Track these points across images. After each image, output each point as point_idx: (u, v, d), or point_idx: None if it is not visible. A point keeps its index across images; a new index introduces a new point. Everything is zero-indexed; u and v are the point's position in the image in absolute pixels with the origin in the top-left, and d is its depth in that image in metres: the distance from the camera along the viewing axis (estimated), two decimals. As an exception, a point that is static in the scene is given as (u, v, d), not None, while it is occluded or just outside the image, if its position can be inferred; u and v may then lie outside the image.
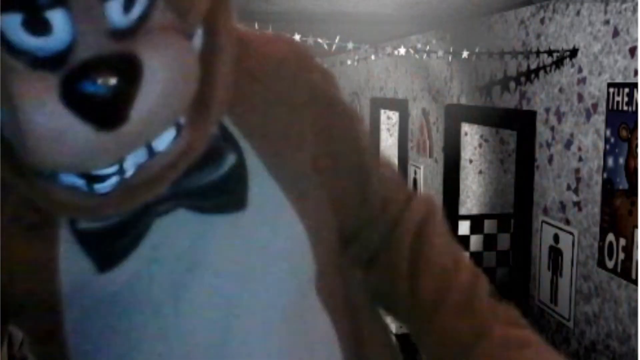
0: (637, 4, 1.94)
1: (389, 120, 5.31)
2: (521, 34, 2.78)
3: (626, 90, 2.00)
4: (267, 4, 3.11)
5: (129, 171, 0.47)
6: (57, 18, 0.41)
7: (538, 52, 2.51)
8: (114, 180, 0.47)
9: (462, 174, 3.52)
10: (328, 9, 3.27)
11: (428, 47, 3.52)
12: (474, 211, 3.53)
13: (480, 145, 3.66)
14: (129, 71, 0.41)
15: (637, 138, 1.92)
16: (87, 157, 0.44)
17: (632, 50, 1.97)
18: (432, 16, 3.45)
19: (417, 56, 3.69)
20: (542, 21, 2.59)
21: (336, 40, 3.25)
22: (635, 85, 1.95)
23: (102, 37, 0.42)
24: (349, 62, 4.94)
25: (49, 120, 0.42)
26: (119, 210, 0.50)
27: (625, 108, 2.00)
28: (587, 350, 2.22)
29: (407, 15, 3.45)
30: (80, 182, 0.47)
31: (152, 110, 0.42)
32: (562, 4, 2.41)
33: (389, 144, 5.09)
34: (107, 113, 0.41)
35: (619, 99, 2.03)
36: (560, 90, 2.43)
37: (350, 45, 3.39)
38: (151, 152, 0.47)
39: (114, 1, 0.41)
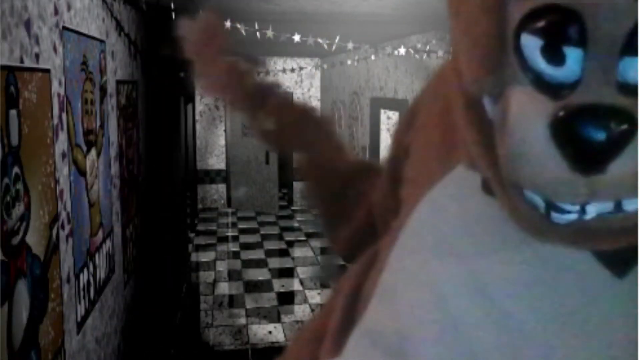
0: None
1: (389, 120, 5.31)
2: (521, 34, 2.77)
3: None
4: (267, 4, 3.11)
5: (590, 214, 0.47)
6: (572, 55, 0.43)
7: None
8: (572, 216, 0.47)
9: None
10: (328, 9, 3.27)
11: (428, 47, 3.53)
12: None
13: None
14: (623, 126, 0.42)
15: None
16: (554, 189, 0.45)
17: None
18: (432, 16, 3.45)
19: (417, 56, 3.70)
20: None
21: (336, 40, 3.26)
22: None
23: (607, 87, 0.43)
24: (349, 62, 4.95)
25: (531, 142, 0.44)
26: (564, 244, 0.51)
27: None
28: None
29: (407, 15, 3.45)
30: (540, 204, 0.48)
31: (630, 171, 0.43)
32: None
33: (389, 143, 5.10)
34: (589, 159, 0.43)
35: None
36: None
37: (350, 45, 3.39)
38: (618, 207, 0.47)
39: (633, 60, 0.42)
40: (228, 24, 2.89)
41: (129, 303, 2.95)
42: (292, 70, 5.28)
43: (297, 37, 3.17)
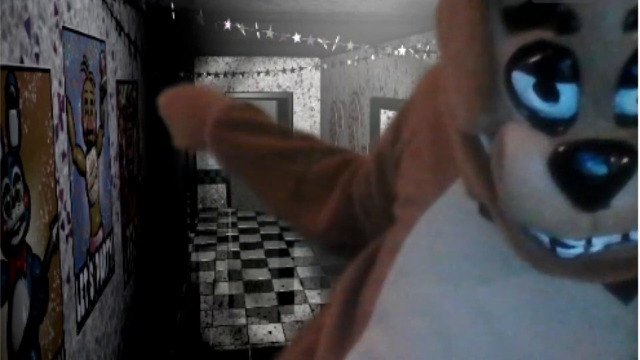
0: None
1: (389, 120, 5.31)
2: (521, 34, 2.77)
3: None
4: (267, 4, 3.11)
5: (596, 247, 0.46)
6: (566, 91, 0.42)
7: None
8: (578, 250, 0.46)
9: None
10: (328, 9, 3.27)
11: (428, 47, 3.52)
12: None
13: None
14: (623, 159, 0.41)
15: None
16: (556, 226, 0.44)
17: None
18: (432, 16, 3.44)
19: (417, 56, 3.69)
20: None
21: (336, 40, 3.25)
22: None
23: (605, 120, 0.42)
24: (349, 62, 4.94)
25: (530, 181, 0.43)
26: (571, 278, 0.49)
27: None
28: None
29: (407, 15, 3.45)
30: (545, 239, 0.47)
31: (635, 204, 0.42)
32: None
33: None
34: (591, 195, 0.42)
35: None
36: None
37: (350, 45, 3.39)
38: (626, 237, 0.45)
39: (630, 92, 0.41)
40: (228, 24, 2.89)
41: (129, 303, 2.95)
42: (292, 70, 5.27)
43: (297, 37, 3.17)
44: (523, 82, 0.44)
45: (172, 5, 2.79)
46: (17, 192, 1.41)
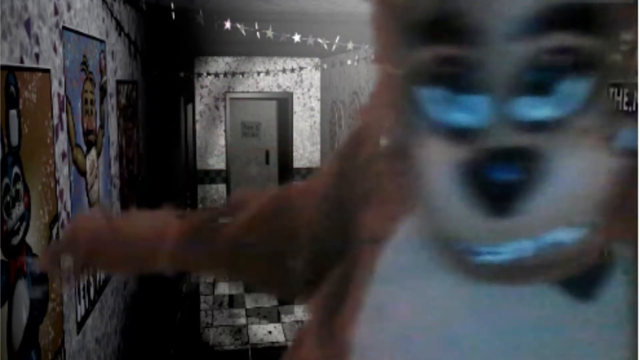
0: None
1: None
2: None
3: (626, 90, 2.00)
4: (267, 4, 3.11)
5: (525, 251, 0.46)
6: (474, 102, 0.44)
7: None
8: (505, 256, 0.46)
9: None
10: (328, 9, 3.27)
11: (428, 47, 3.52)
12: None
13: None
14: (533, 165, 0.42)
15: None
16: (472, 235, 0.45)
17: (632, 50, 1.97)
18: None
19: (417, 56, 3.69)
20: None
21: (336, 40, 3.25)
22: (635, 85, 1.95)
23: (510, 128, 0.43)
24: (349, 62, 4.94)
25: (442, 191, 0.44)
26: (500, 283, 0.49)
27: (625, 108, 2.00)
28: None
29: (407, 15, 3.44)
30: (468, 248, 0.48)
31: (548, 208, 0.42)
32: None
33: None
34: (501, 202, 0.42)
35: (619, 98, 2.03)
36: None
37: (350, 45, 3.39)
38: (553, 239, 0.46)
39: (526, 98, 0.43)
40: (228, 24, 2.89)
41: (129, 303, 2.95)
42: (292, 70, 5.28)
43: (297, 37, 3.17)
44: (431, 95, 0.45)
45: (172, 5, 2.79)
46: (17, 192, 1.41)
